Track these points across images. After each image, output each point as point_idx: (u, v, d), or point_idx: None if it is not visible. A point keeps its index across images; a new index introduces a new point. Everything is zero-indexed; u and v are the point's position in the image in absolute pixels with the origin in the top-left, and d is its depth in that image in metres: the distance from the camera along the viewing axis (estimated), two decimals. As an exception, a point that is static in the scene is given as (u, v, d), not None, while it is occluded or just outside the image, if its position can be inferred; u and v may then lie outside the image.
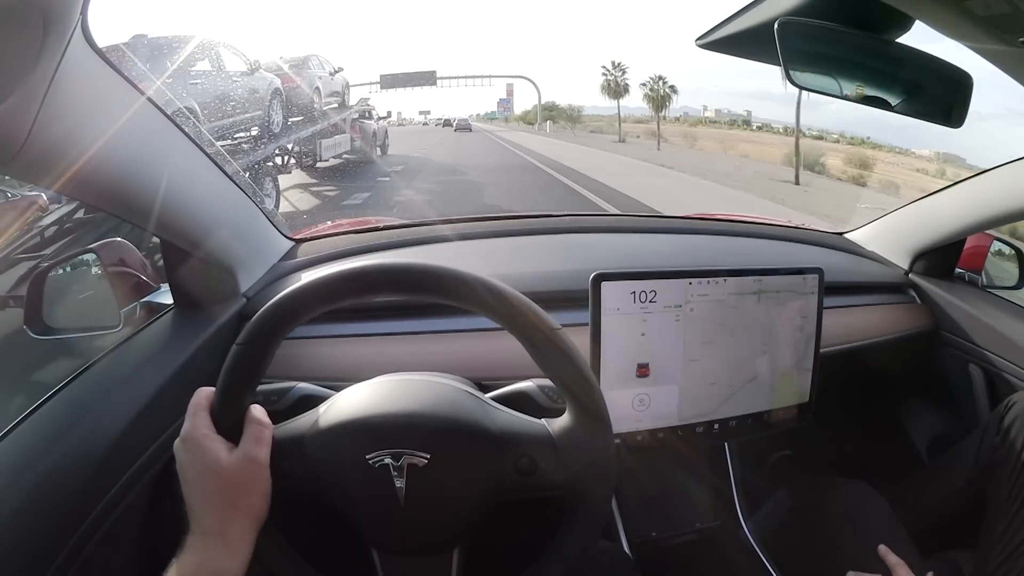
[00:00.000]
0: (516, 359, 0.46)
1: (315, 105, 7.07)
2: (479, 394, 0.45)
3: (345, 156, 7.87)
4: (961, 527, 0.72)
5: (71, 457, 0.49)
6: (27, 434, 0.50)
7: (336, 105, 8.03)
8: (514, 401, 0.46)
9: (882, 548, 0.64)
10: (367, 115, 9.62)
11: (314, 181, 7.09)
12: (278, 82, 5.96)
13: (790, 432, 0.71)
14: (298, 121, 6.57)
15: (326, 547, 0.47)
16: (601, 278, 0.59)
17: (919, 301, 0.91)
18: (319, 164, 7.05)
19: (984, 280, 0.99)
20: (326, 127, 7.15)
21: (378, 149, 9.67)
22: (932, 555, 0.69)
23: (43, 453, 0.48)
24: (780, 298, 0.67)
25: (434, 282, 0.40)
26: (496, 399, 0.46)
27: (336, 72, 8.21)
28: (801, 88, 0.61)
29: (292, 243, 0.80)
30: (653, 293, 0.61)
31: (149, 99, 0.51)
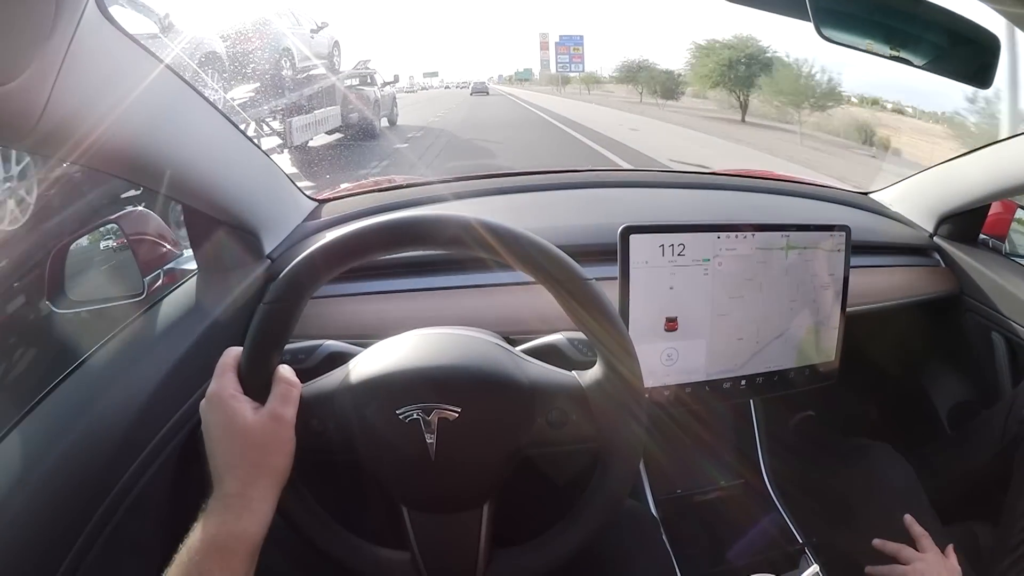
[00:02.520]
0: (544, 313, 0.46)
1: (284, 72, 5.21)
2: (509, 347, 0.45)
3: (338, 133, 6.39)
4: (981, 498, 0.72)
5: (99, 425, 0.49)
6: (55, 404, 0.50)
7: (321, 71, 6.12)
8: (544, 354, 0.46)
9: (907, 518, 0.63)
10: (368, 80, 7.66)
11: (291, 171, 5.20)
12: (215, 45, 4.20)
13: (813, 392, 0.71)
14: (253, 96, 4.71)
15: (355, 505, 0.47)
16: (630, 231, 0.58)
17: (943, 265, 0.90)
18: (299, 144, 5.27)
19: (1008, 247, 0.98)
20: (299, 99, 5.35)
21: (384, 120, 8.00)
22: (950, 524, 0.69)
23: (71, 422, 0.48)
24: (807, 255, 0.66)
25: (465, 233, 0.39)
26: (526, 352, 0.46)
27: (320, 29, 6.29)
28: (831, 42, 0.60)
29: (315, 204, 0.80)
30: (682, 246, 0.60)
31: (166, 65, 0.51)
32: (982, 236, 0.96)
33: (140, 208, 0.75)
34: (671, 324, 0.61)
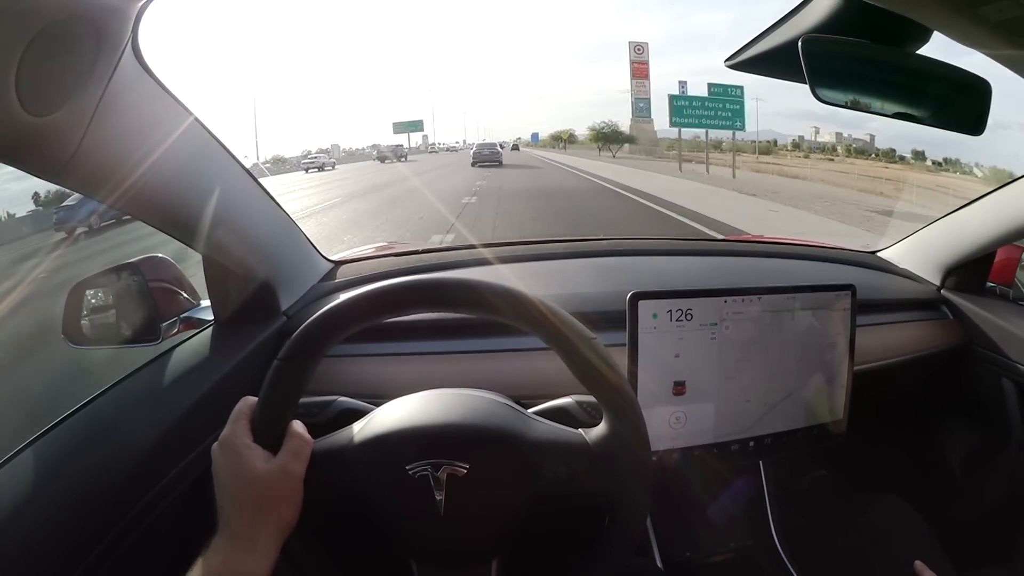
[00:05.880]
0: (554, 378, 0.46)
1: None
2: (517, 407, 0.46)
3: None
4: (995, 542, 0.71)
5: (106, 461, 0.50)
6: (64, 436, 0.52)
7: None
8: (553, 417, 0.47)
9: (918, 564, 0.63)
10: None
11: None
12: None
13: (824, 450, 0.70)
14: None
15: (366, 558, 0.48)
16: (638, 297, 0.60)
17: (951, 317, 0.90)
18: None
19: (1015, 293, 0.98)
20: None
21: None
22: (966, 571, 0.68)
23: (79, 455, 0.49)
24: (813, 316, 0.67)
25: (471, 296, 0.40)
26: (535, 414, 0.46)
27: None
28: (827, 104, 0.62)
29: (332, 265, 0.82)
30: (689, 312, 0.61)
31: (195, 118, 0.53)
32: (989, 284, 0.96)
33: (160, 255, 0.77)
34: (679, 388, 0.62)
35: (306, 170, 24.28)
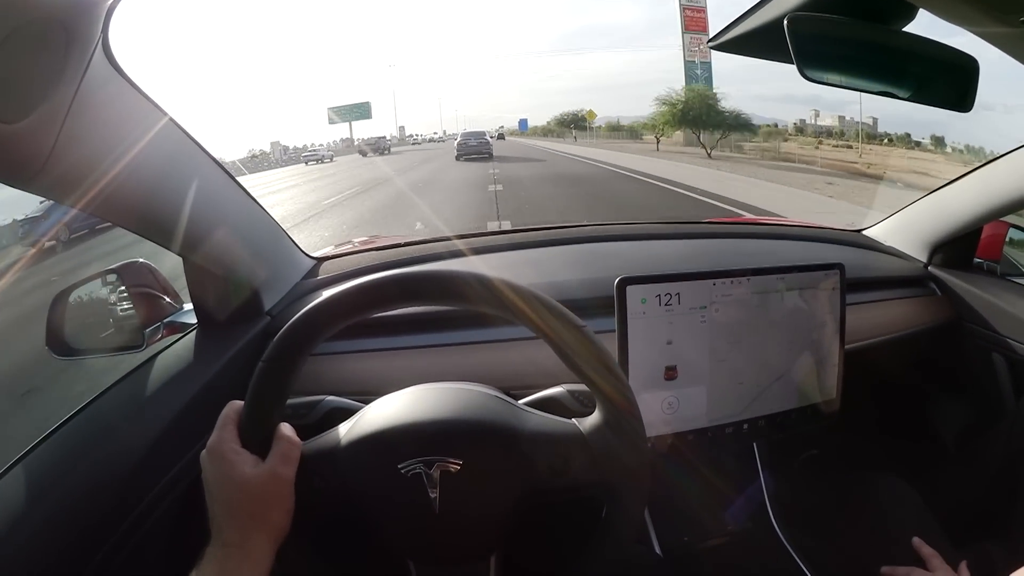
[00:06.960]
0: (544, 367, 0.46)
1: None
2: (508, 399, 0.45)
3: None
4: (993, 517, 0.71)
5: (96, 474, 0.49)
6: (52, 451, 0.51)
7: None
8: (545, 407, 0.46)
9: (916, 540, 0.63)
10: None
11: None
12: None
13: (818, 430, 0.71)
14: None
15: (361, 559, 0.47)
16: (626, 282, 0.59)
17: (939, 293, 0.90)
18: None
19: (1004, 268, 0.98)
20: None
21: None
22: (964, 546, 0.69)
23: (68, 470, 0.48)
24: (803, 295, 0.67)
25: (456, 288, 0.39)
26: (527, 405, 0.46)
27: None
28: (814, 82, 0.62)
29: (314, 262, 0.81)
30: (678, 295, 0.61)
31: (170, 118, 0.52)
32: (976, 260, 0.97)
33: (141, 260, 0.75)
34: (670, 373, 0.62)
35: (306, 162, 26.58)
